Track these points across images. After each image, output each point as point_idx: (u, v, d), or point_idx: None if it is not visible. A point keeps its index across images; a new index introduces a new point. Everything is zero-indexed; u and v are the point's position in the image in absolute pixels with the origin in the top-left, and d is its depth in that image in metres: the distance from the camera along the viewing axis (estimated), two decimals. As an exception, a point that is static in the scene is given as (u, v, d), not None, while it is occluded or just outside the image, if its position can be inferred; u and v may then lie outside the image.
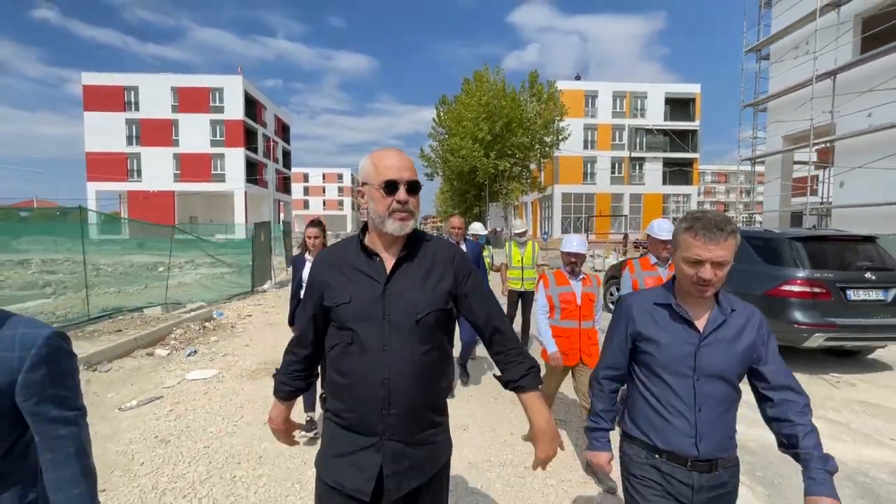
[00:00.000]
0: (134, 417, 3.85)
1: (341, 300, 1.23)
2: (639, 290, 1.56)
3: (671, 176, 41.43)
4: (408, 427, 1.22)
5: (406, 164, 1.24)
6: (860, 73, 12.42)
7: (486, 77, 28.70)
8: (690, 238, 1.26)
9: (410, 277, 1.25)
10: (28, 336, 0.95)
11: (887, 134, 11.53)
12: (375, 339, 1.20)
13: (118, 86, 39.00)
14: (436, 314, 1.24)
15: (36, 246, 14.28)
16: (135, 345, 5.69)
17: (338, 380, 1.26)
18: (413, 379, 1.21)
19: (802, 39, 14.17)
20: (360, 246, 1.29)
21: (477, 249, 4.55)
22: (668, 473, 1.33)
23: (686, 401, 1.32)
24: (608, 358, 1.49)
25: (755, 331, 1.33)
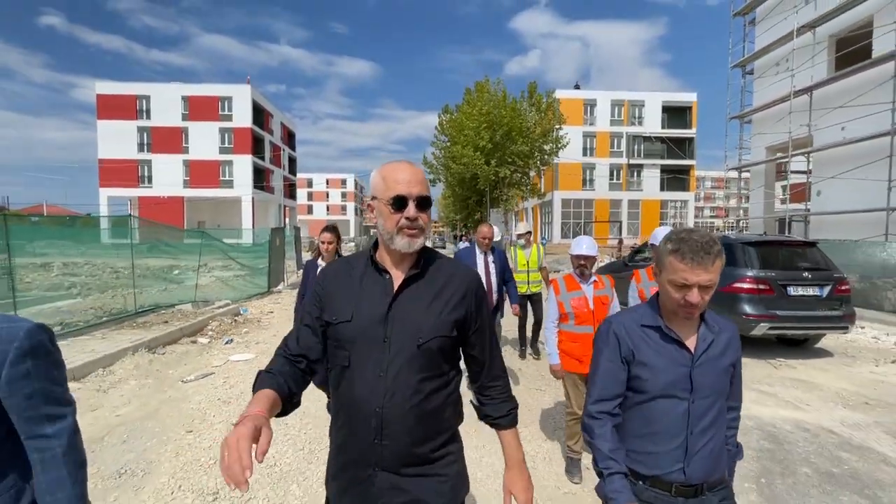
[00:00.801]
0: (196, 387, 4.76)
1: (342, 317, 1.16)
2: (621, 312, 1.47)
3: (669, 182, 42.30)
4: (402, 459, 1.13)
5: (417, 179, 1.16)
6: (835, 90, 13.36)
7: (487, 87, 29.71)
8: (677, 261, 1.21)
9: (417, 299, 1.17)
10: (9, 330, 0.92)
11: (859, 146, 12.43)
12: (372, 363, 1.13)
13: (130, 95, 40.23)
14: (439, 341, 1.15)
15: (50, 249, 15.15)
16: (181, 334, 6.63)
17: (335, 400, 1.22)
18: (409, 409, 1.11)
19: (782, 57, 15.11)
20: (370, 261, 1.22)
21: (503, 257, 4.53)
22: (648, 502, 1.28)
23: (678, 424, 1.27)
24: (599, 390, 1.34)
25: (737, 347, 1.34)
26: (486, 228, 4.39)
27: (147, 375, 5.07)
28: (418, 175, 1.18)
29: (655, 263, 1.33)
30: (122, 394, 4.52)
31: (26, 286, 12.87)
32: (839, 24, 13.48)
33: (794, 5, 14.19)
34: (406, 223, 1.13)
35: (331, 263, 1.34)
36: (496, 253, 4.45)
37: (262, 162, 44.49)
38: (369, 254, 1.23)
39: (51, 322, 6.36)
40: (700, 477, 1.26)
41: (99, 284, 13.88)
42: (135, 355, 5.50)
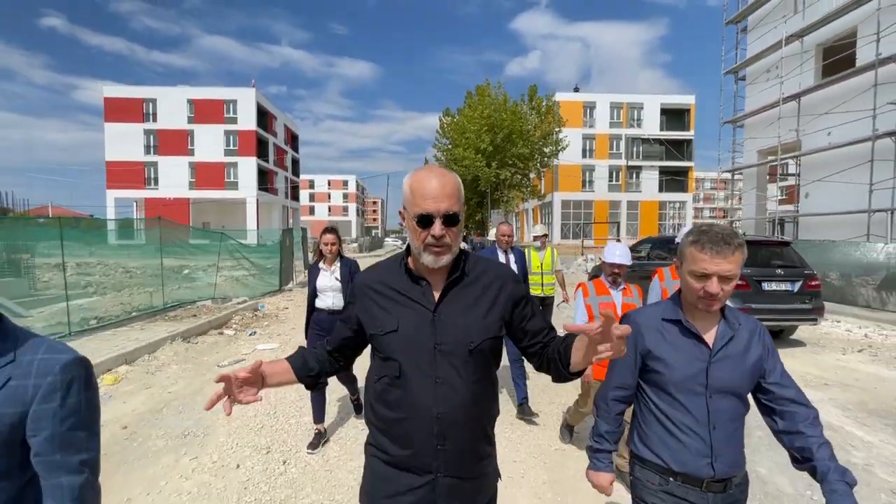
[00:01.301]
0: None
1: (388, 328, 1.16)
2: (644, 307, 1.52)
3: (667, 184, 42.87)
4: (463, 462, 1.15)
5: (445, 192, 1.11)
6: (821, 96, 13.95)
7: (488, 91, 30.35)
8: (697, 251, 1.23)
9: (461, 303, 1.18)
10: (46, 362, 0.86)
11: (844, 151, 13.02)
12: (426, 371, 1.13)
13: (137, 98, 40.93)
14: (489, 342, 1.17)
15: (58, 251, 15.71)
16: (209, 326, 7.24)
17: (385, 414, 1.18)
18: (467, 412, 1.14)
19: (773, 64, 15.71)
20: (405, 269, 1.21)
21: (522, 257, 4.45)
22: (682, 497, 1.29)
23: (700, 419, 1.28)
24: (616, 378, 1.43)
25: (761, 344, 1.33)
26: (505, 227, 4.33)
27: (186, 361, 5.68)
28: (447, 188, 1.12)
29: (678, 257, 1.35)
30: (168, 375, 5.13)
31: (45, 285, 13.46)
32: (825, 34, 14.09)
33: (784, 15, 14.79)
34: (432, 241, 1.11)
35: (360, 276, 1.29)
36: (516, 252, 4.35)
37: (266, 164, 45.15)
38: (402, 262, 1.22)
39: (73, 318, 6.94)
40: (726, 472, 1.28)
41: (114, 283, 14.48)
42: (172, 344, 6.12)
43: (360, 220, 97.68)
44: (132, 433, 3.68)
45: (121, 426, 3.80)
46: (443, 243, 1.12)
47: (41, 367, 0.84)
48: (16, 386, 0.83)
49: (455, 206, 1.12)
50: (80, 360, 0.90)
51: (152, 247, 14.83)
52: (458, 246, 1.17)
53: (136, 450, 3.41)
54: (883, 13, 11.72)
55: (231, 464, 3.18)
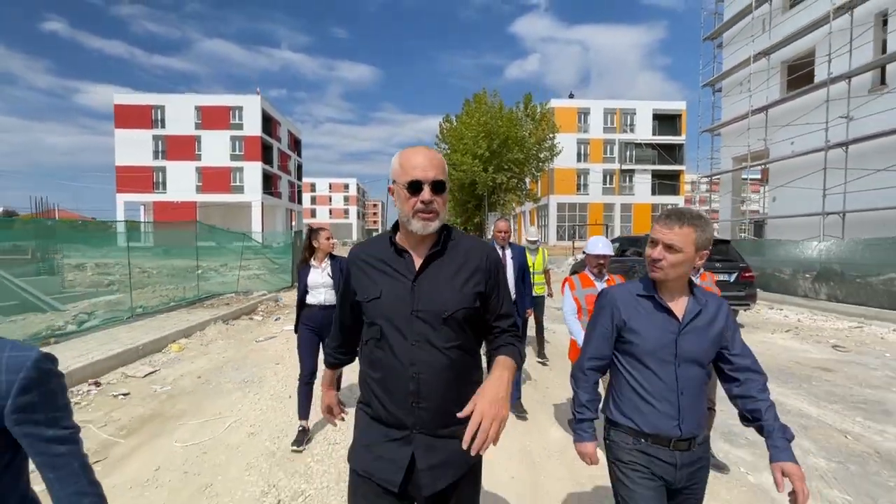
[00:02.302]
0: (267, 344, 6.65)
1: (372, 295, 1.28)
2: (620, 284, 1.64)
3: (659, 187, 44.23)
4: (438, 420, 1.23)
5: (433, 163, 1.23)
6: (785, 109, 15.27)
7: (485, 99, 31.69)
8: (655, 223, 1.44)
9: (440, 275, 1.27)
10: (16, 359, 0.93)
11: (803, 159, 14.32)
12: (405, 334, 1.23)
13: (146, 105, 42.34)
14: (464, 312, 1.25)
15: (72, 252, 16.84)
16: (240, 312, 8.55)
17: (369, 372, 1.30)
18: (442, 374, 1.23)
19: (744, 78, 17.03)
20: (390, 242, 1.31)
21: (522, 254, 4.32)
22: (653, 455, 1.42)
23: (669, 385, 1.41)
24: (592, 349, 1.54)
25: (724, 319, 1.46)
26: (502, 223, 4.31)
27: (228, 337, 6.98)
28: (434, 160, 1.23)
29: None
30: (218, 347, 6.43)
31: (70, 283, 14.72)
32: (789, 52, 15.42)
33: (752, 34, 16.13)
34: (421, 206, 1.21)
35: (352, 251, 1.41)
36: (514, 249, 4.26)
37: (271, 168, 46.51)
38: (389, 235, 1.32)
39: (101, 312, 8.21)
40: (691, 432, 1.40)
41: (134, 282, 15.80)
42: (215, 325, 7.43)
43: (360, 223, 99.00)
44: (206, 381, 4.97)
45: (196, 376, 5.10)
46: (431, 209, 1.22)
47: (11, 364, 0.90)
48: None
49: (441, 175, 1.24)
50: (47, 355, 0.96)
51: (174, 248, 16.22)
52: (445, 216, 1.28)
53: (213, 390, 4.71)
54: (834, 36, 13.05)
55: (284, 395, 4.48)
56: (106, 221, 25.78)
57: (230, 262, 18.91)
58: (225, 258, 19.25)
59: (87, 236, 17.07)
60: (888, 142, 11.94)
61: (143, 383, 4.82)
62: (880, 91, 12.30)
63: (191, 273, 18.11)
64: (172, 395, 4.49)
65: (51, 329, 7.14)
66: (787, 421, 4.20)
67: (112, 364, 5.08)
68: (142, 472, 3.03)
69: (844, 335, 7.37)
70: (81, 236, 16.80)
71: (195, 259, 17.71)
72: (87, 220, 29.57)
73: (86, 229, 17.86)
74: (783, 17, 15.58)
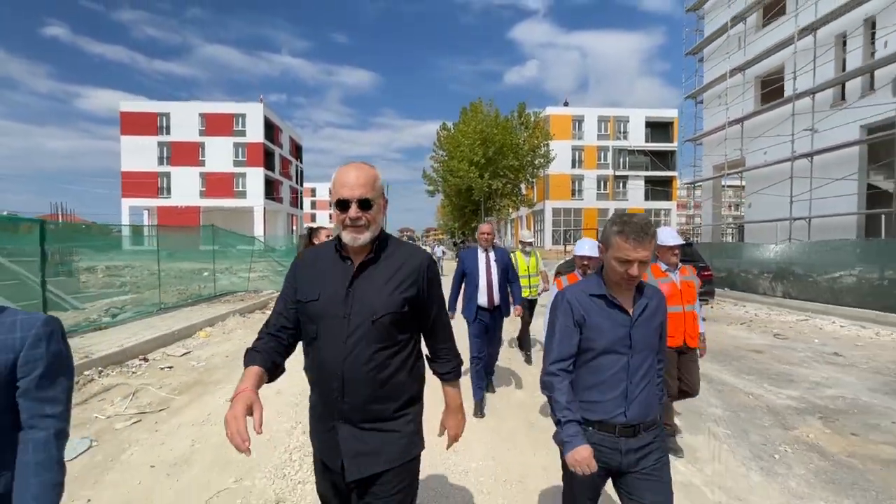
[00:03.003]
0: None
1: (311, 297, 1.37)
2: (571, 285, 1.71)
3: (652, 193, 45.33)
4: (360, 414, 1.34)
5: (360, 181, 1.32)
6: (760, 121, 16.32)
7: (481, 108, 32.81)
8: (622, 241, 1.46)
9: (373, 281, 1.36)
10: (28, 319, 1.06)
11: (776, 168, 15.34)
12: (336, 335, 1.33)
13: (152, 112, 43.47)
14: (391, 316, 1.34)
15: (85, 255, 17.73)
16: (254, 307, 9.53)
17: (308, 366, 1.43)
18: (366, 373, 1.32)
19: (722, 91, 18.11)
20: (335, 249, 1.41)
21: (506, 256, 4.34)
22: (598, 443, 1.52)
23: (619, 375, 1.53)
24: (557, 351, 1.58)
25: (663, 309, 1.63)
26: (485, 226, 4.35)
27: (247, 328, 7.94)
28: (361, 178, 1.33)
29: (602, 242, 1.59)
30: (239, 334, 7.39)
31: (84, 285, 15.61)
32: (762, 68, 16.51)
33: (728, 51, 17.22)
34: (349, 222, 1.32)
35: (304, 252, 1.51)
36: (498, 251, 4.29)
37: (273, 173, 47.57)
38: (335, 244, 1.43)
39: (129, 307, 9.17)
40: (637, 418, 1.53)
41: (146, 283, 16.74)
42: (234, 317, 8.40)
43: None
44: (233, 359, 5.93)
45: (224, 356, 6.06)
46: (358, 224, 1.32)
47: (24, 324, 1.05)
48: (4, 339, 1.03)
49: (368, 193, 1.33)
50: (55, 318, 1.10)
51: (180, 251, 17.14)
52: (378, 228, 1.38)
53: (240, 365, 5.65)
54: (799, 55, 14.12)
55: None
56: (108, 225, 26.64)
57: (235, 264, 19.89)
58: (230, 261, 20.23)
59: (99, 240, 17.98)
60: (847, 153, 12.99)
61: (182, 360, 5.78)
62: (840, 106, 13.36)
63: (196, 275, 19.06)
64: (208, 369, 5.46)
65: (88, 321, 8.10)
66: (707, 388, 5.18)
67: (155, 345, 6.05)
68: (197, 416, 4.00)
69: (789, 326, 8.35)
70: (92, 240, 17.70)
71: (202, 262, 18.63)
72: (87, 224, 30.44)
73: (89, 232, 18.83)
74: (756, 36, 16.68)
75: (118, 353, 5.36)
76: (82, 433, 3.55)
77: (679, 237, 3.16)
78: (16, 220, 12.55)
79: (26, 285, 10.50)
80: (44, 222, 6.34)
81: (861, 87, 12.91)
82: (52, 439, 1.04)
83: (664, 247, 3.09)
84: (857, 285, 8.96)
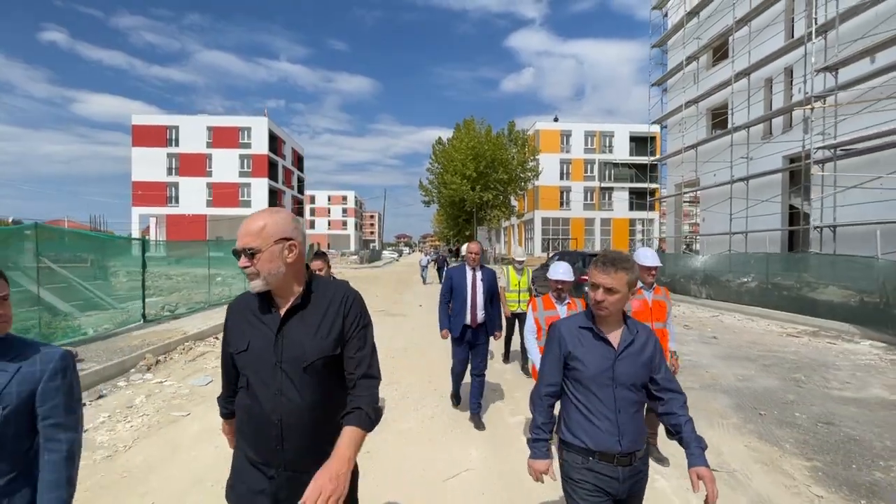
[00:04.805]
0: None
1: (240, 348, 1.39)
2: (565, 318, 1.83)
3: (636, 204, 47.93)
4: (302, 460, 1.34)
5: (248, 231, 1.33)
6: (710, 147, 18.83)
7: (473, 125, 35.41)
8: (593, 268, 1.65)
9: (302, 326, 1.36)
10: (47, 353, 1.23)
11: (722, 188, 17.80)
12: (269, 384, 1.34)
13: (162, 125, 45.84)
14: (323, 360, 1.35)
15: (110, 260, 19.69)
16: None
17: (240, 416, 1.42)
18: (305, 419, 1.34)
19: (680, 119, 20.66)
20: (259, 297, 1.40)
21: (492, 277, 4.37)
22: (599, 472, 1.62)
23: (608, 406, 1.62)
24: (547, 377, 1.74)
25: (653, 346, 1.70)
26: (474, 245, 4.38)
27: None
28: (251, 227, 1.34)
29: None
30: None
31: (115, 289, 17.64)
32: (712, 102, 19.05)
33: (684, 86, 19.77)
34: (244, 271, 1.34)
35: (233, 301, 1.50)
36: (485, 272, 4.34)
37: (276, 183, 49.93)
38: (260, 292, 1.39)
39: (153, 308, 11.31)
40: (631, 447, 1.62)
41: (168, 287, 18.88)
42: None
43: (358, 234, 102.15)
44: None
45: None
46: (249, 272, 1.34)
47: (44, 357, 1.22)
48: (26, 371, 1.19)
49: (253, 242, 1.32)
50: (69, 352, 1.28)
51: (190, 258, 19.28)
52: (270, 275, 1.34)
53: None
54: (735, 95, 16.66)
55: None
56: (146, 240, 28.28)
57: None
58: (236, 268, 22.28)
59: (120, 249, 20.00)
60: (773, 178, 15.47)
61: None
62: (768, 139, 15.87)
63: (204, 280, 21.06)
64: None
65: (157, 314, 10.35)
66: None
67: (220, 329, 8.34)
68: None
69: (700, 320, 10.69)
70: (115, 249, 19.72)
71: (215, 267, 20.56)
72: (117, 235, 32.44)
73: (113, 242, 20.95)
74: (707, 74, 19.25)
75: (200, 332, 7.67)
76: (204, 374, 5.84)
77: (657, 259, 3.29)
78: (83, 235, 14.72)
79: (72, 287, 12.41)
80: (145, 239, 8.59)
81: (783, 124, 15.43)
82: (63, 462, 1.21)
83: (642, 266, 3.24)
84: (754, 289, 11.35)
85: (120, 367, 5.66)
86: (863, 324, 8.34)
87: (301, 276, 1.41)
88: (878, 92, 11.14)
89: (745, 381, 5.82)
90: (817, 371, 6.28)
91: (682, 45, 19.81)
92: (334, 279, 1.76)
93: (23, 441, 1.20)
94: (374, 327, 1.50)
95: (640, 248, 3.33)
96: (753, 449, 3.90)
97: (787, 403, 5.00)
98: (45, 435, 1.21)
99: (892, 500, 3.08)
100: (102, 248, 15.05)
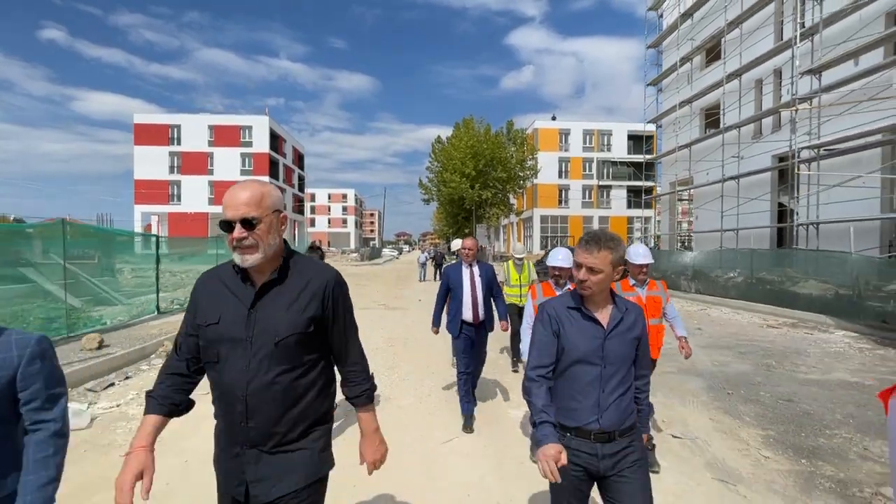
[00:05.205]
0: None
1: (210, 320, 1.34)
2: (552, 298, 1.82)
3: (634, 202, 48.35)
4: (266, 438, 1.32)
5: (242, 201, 1.28)
6: (703, 146, 19.25)
7: (472, 124, 35.80)
8: (577, 247, 1.65)
9: (277, 301, 1.33)
10: (23, 339, 1.23)
11: (714, 186, 18.24)
12: (239, 358, 1.31)
13: (164, 124, 46.22)
14: (296, 337, 1.32)
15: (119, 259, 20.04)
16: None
17: (212, 390, 1.39)
18: (271, 396, 1.30)
19: (675, 119, 21.07)
20: (235, 269, 1.36)
21: (490, 272, 4.32)
22: (576, 448, 1.63)
23: (593, 384, 1.63)
24: (537, 358, 1.68)
25: (642, 325, 1.70)
26: (468, 241, 4.33)
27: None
28: (243, 197, 1.28)
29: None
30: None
31: (122, 285, 18.01)
32: (705, 102, 19.47)
33: (678, 86, 20.19)
34: (236, 243, 1.28)
35: (203, 273, 1.46)
36: (482, 266, 4.31)
37: (277, 182, 50.31)
38: (233, 265, 1.36)
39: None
40: (611, 426, 1.62)
41: (172, 283, 19.32)
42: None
43: (358, 232, 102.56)
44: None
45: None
46: (244, 245, 1.28)
47: (19, 343, 1.21)
48: (3, 357, 1.19)
49: (252, 211, 1.28)
50: (45, 337, 1.26)
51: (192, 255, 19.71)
52: (269, 246, 1.32)
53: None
54: (727, 96, 17.08)
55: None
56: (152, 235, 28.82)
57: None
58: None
59: (124, 245, 20.40)
60: (762, 177, 15.91)
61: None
62: (758, 139, 16.30)
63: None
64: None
65: (167, 308, 10.81)
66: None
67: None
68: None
69: (687, 314, 11.15)
70: (120, 245, 20.11)
71: (210, 265, 20.89)
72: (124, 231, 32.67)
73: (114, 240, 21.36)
74: (700, 74, 19.65)
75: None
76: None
77: (649, 256, 3.30)
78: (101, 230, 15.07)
79: (81, 283, 12.77)
80: (158, 237, 9.03)
81: (772, 125, 15.87)
82: (49, 439, 1.21)
83: (633, 264, 3.26)
84: (740, 283, 11.81)
85: (142, 353, 6.11)
86: (838, 315, 8.80)
87: (282, 250, 1.40)
88: (860, 94, 11.58)
89: (720, 367, 6.27)
90: (788, 357, 6.75)
91: (676, 46, 20.23)
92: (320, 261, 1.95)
93: (6, 426, 1.22)
94: (376, 320, 1.75)
95: (633, 245, 3.33)
96: (717, 421, 4.36)
97: (755, 384, 5.46)
98: (29, 418, 1.22)
99: (828, 458, 3.55)
100: (109, 245, 15.38)
